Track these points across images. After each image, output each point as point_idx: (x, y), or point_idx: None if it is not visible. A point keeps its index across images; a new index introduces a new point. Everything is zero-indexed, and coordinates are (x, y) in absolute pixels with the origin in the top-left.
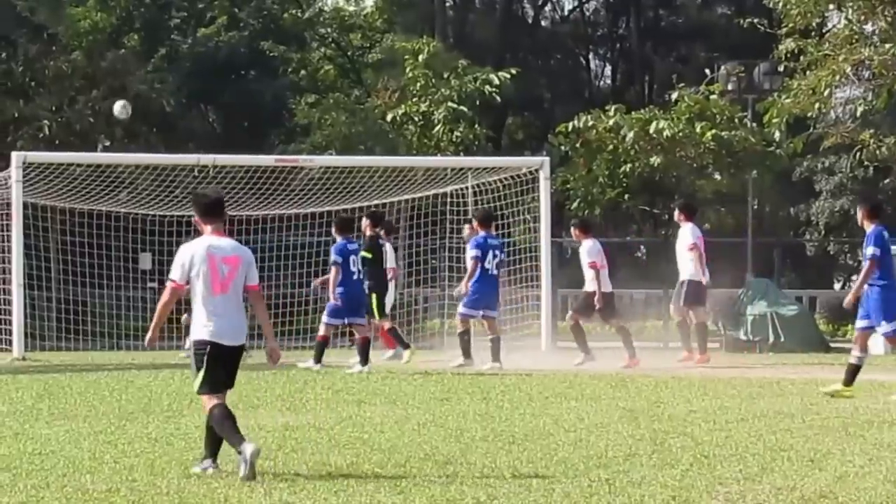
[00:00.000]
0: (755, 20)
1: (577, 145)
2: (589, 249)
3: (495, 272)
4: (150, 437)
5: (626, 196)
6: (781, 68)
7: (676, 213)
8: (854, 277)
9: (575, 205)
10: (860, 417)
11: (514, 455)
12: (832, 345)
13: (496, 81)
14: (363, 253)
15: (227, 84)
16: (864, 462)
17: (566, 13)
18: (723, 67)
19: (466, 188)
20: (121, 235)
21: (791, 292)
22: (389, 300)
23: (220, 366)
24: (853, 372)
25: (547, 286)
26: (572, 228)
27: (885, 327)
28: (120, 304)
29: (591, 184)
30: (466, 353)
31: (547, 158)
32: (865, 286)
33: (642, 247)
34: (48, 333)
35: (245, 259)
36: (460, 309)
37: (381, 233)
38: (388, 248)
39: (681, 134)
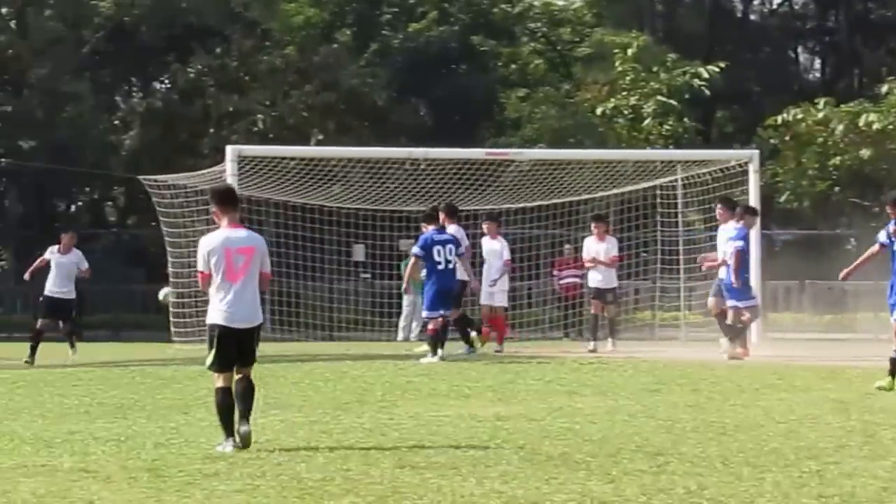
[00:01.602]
0: None
1: (787, 138)
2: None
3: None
4: (364, 427)
5: (836, 188)
6: None
7: (719, 209)
8: None
9: (784, 197)
10: None
11: (725, 446)
12: None
13: (705, 75)
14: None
15: (437, 78)
16: None
17: (775, 6)
18: None
19: (676, 181)
20: (334, 229)
21: None
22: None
23: (229, 347)
24: None
25: (757, 277)
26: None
27: None
28: (333, 296)
29: (801, 176)
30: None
31: (756, 151)
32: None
33: (853, 239)
34: (263, 325)
35: (259, 248)
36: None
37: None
38: (501, 241)
39: (891, 126)
